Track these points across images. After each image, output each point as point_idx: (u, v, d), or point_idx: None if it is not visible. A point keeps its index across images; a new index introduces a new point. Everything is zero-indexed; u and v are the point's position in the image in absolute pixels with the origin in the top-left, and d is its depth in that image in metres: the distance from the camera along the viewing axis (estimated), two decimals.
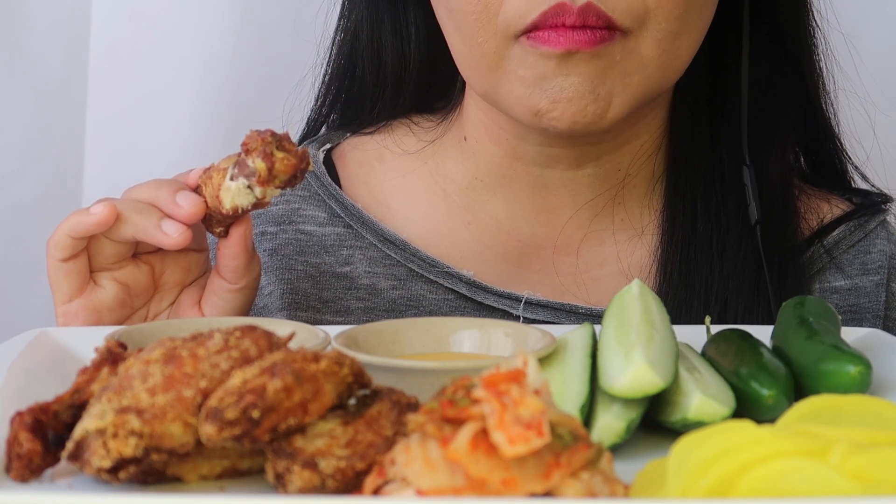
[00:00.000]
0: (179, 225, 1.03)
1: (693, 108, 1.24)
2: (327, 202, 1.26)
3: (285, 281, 1.23)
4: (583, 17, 1.06)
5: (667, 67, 1.12)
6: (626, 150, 1.22)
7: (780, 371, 0.86)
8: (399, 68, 1.28)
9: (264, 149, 0.98)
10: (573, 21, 1.06)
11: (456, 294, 1.22)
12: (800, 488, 0.65)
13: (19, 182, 1.83)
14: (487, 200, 1.25)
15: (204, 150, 1.79)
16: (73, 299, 1.06)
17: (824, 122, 1.29)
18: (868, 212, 1.28)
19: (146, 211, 1.04)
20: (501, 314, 1.21)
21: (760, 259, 1.19)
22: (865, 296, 1.26)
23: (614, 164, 1.22)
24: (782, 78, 1.26)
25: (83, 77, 1.84)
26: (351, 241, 1.24)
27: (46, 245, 1.06)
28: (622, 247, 1.24)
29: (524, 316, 1.20)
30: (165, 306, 1.10)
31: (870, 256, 1.27)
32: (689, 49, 1.14)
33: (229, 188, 1.01)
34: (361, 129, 1.32)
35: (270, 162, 0.98)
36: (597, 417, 0.81)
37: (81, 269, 1.05)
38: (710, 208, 1.22)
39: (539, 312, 1.20)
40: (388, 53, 1.28)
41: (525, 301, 1.20)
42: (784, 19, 1.25)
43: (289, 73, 1.43)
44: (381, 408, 0.75)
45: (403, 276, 1.23)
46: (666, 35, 1.10)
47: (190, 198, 1.03)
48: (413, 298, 1.22)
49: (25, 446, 0.74)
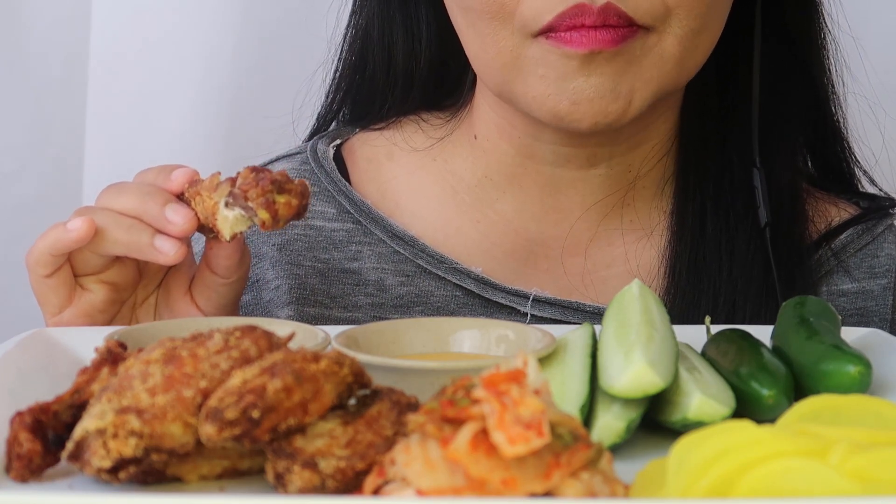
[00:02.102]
0: (175, 241, 1.00)
1: (703, 110, 1.24)
2: (336, 198, 1.26)
3: (293, 276, 1.23)
4: (603, 17, 1.06)
5: (685, 65, 1.12)
6: (638, 151, 1.22)
7: (780, 371, 0.86)
8: (409, 66, 1.28)
9: (266, 198, 0.96)
10: (593, 21, 1.06)
11: (464, 290, 1.22)
12: (800, 488, 0.65)
13: (19, 182, 1.83)
14: (497, 199, 1.25)
15: (204, 150, 1.79)
16: (62, 310, 1.05)
17: (833, 125, 1.29)
18: (876, 216, 1.28)
19: (134, 228, 1.01)
20: (509, 311, 1.21)
21: (769, 261, 1.20)
22: (873, 299, 1.26)
23: (625, 165, 1.22)
24: (792, 80, 1.26)
25: (83, 77, 1.84)
26: (360, 237, 1.24)
27: (26, 261, 1.04)
28: (631, 247, 1.24)
29: (532, 313, 1.20)
30: (152, 289, 1.09)
31: (877, 260, 1.27)
32: (707, 47, 1.14)
33: (227, 218, 0.98)
34: (371, 125, 1.32)
35: (273, 210, 0.96)
36: (597, 417, 0.81)
37: (66, 279, 1.04)
38: (719, 210, 1.22)
39: (546, 310, 1.20)
40: (398, 51, 1.28)
41: (533, 298, 1.20)
42: (794, 21, 1.25)
43: (289, 73, 1.43)
44: (381, 408, 0.75)
45: (412, 273, 1.23)
46: (687, 32, 1.10)
47: (181, 212, 1.00)
48: (421, 295, 1.22)
49: (25, 446, 0.74)
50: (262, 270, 1.24)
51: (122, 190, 1.04)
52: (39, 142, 1.84)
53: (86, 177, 1.87)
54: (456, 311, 1.21)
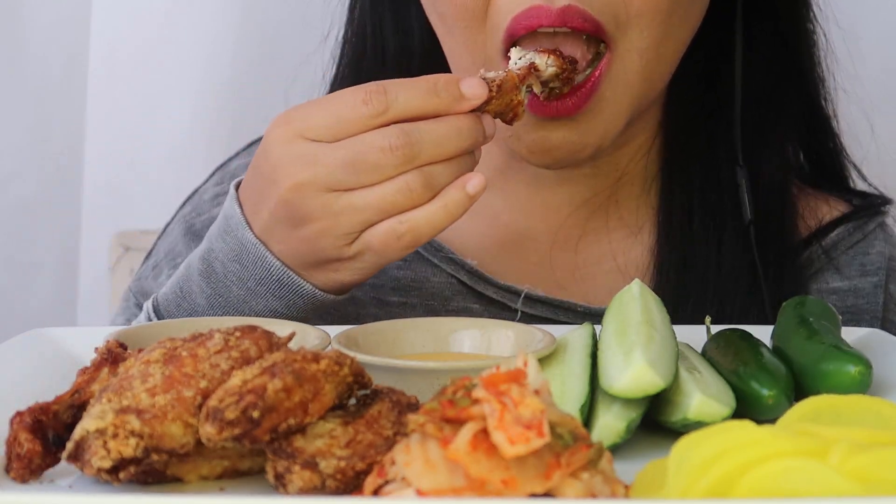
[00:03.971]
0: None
1: (688, 107, 1.24)
2: None
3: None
4: (563, 19, 1.05)
5: (651, 77, 1.12)
6: (624, 151, 1.22)
7: (780, 371, 0.86)
8: (401, 62, 1.28)
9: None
10: (551, 22, 1.05)
11: (458, 280, 1.22)
12: (800, 488, 0.65)
13: (19, 182, 1.83)
14: (485, 193, 1.25)
15: (204, 150, 1.80)
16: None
17: (825, 121, 1.29)
18: (867, 213, 1.28)
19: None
20: (500, 306, 1.21)
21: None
22: (863, 297, 1.26)
23: (612, 164, 1.23)
24: (781, 75, 1.26)
25: (83, 77, 1.84)
26: None
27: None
28: (619, 244, 1.24)
29: (523, 310, 1.20)
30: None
31: (868, 258, 1.27)
32: (674, 54, 1.14)
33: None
34: None
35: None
36: (597, 417, 0.81)
37: None
38: (706, 207, 1.22)
39: (538, 308, 1.20)
40: (389, 47, 1.28)
41: (525, 296, 1.20)
42: (783, 17, 1.25)
43: (289, 72, 1.43)
44: (381, 408, 0.75)
45: (409, 258, 1.23)
46: (649, 44, 1.09)
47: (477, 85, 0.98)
48: (417, 280, 1.22)
49: (25, 446, 0.74)
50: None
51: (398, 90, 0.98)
52: (39, 142, 1.84)
53: (85, 177, 1.88)
54: (451, 298, 1.21)
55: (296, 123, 0.97)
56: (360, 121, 0.95)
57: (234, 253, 1.03)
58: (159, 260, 1.30)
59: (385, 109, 0.95)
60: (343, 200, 0.96)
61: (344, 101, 0.96)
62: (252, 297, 1.03)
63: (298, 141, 0.97)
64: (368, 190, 0.96)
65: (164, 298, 1.10)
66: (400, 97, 0.95)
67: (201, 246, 1.08)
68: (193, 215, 1.30)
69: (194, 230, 1.28)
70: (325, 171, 0.95)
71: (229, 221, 1.04)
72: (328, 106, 0.97)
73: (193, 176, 1.41)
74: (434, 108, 0.96)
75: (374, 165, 0.95)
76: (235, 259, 1.03)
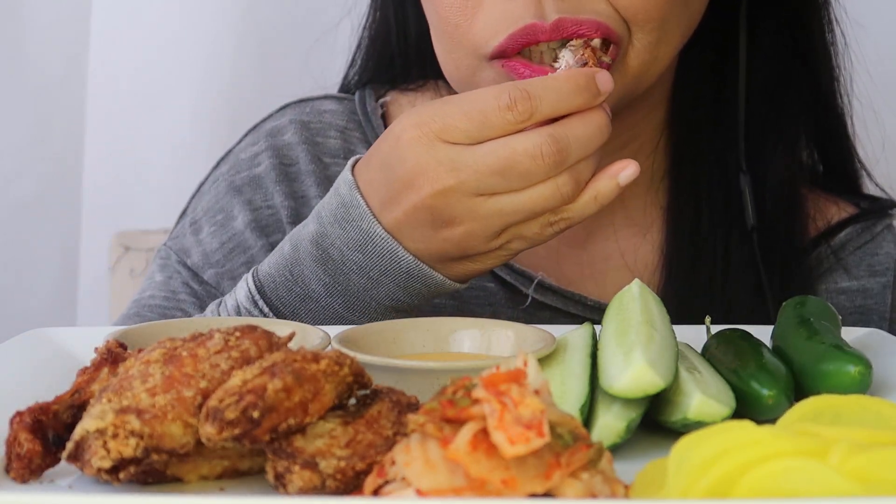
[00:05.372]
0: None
1: (694, 107, 1.24)
2: None
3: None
4: (558, 33, 1.05)
5: (642, 77, 1.12)
6: (627, 150, 1.22)
7: (780, 371, 0.86)
8: (422, 45, 1.27)
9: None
10: (547, 37, 1.05)
11: None
12: (800, 488, 0.65)
13: (19, 182, 1.84)
14: None
15: (204, 150, 1.80)
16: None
17: (836, 122, 1.29)
18: (875, 215, 1.28)
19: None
20: (512, 289, 1.20)
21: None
22: (872, 297, 1.26)
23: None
24: (791, 76, 1.26)
25: (83, 77, 1.84)
26: None
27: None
28: (628, 243, 1.24)
29: (534, 296, 1.19)
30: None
31: (877, 258, 1.27)
32: (668, 54, 1.13)
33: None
34: (401, 86, 1.32)
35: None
36: (597, 417, 0.81)
37: None
38: (713, 208, 1.22)
39: (549, 296, 1.20)
40: (412, 31, 1.28)
41: (537, 283, 1.20)
42: (792, 17, 1.24)
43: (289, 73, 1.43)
44: (381, 408, 0.75)
45: None
46: (645, 46, 1.09)
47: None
48: None
49: (25, 446, 0.74)
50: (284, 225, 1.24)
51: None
52: (39, 142, 1.84)
53: (85, 177, 1.88)
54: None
55: (432, 125, 0.96)
56: (505, 126, 0.95)
57: (357, 243, 1.01)
58: (198, 217, 1.29)
59: (530, 115, 0.95)
60: (491, 204, 0.96)
61: (486, 104, 0.95)
62: (374, 286, 1.02)
63: (438, 144, 0.96)
64: (518, 194, 0.96)
65: (270, 279, 1.07)
66: (544, 102, 0.95)
67: (309, 227, 1.05)
68: (233, 173, 1.29)
69: (235, 186, 1.27)
70: (472, 178, 0.95)
71: (350, 211, 1.01)
72: (467, 108, 0.96)
73: (193, 176, 1.41)
74: (577, 108, 0.97)
75: (524, 173, 0.95)
76: (358, 249, 1.01)
